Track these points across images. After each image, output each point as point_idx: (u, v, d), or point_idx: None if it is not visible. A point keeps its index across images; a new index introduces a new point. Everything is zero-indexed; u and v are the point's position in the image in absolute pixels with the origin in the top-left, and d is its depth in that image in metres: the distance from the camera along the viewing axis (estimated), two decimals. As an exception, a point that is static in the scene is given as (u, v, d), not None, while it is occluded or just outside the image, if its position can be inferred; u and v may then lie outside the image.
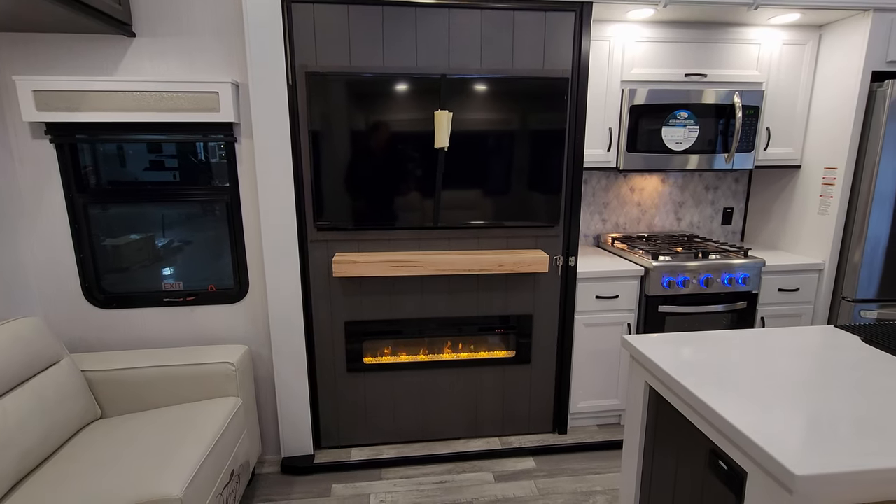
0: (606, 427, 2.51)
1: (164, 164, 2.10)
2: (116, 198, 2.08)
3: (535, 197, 2.16)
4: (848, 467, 0.88)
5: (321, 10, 1.91)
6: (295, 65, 1.95)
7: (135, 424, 1.78)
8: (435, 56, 2.00)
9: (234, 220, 2.12)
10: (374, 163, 2.04)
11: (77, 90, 1.83)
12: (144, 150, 2.08)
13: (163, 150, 2.09)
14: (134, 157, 2.08)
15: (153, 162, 2.10)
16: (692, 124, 2.37)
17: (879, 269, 2.34)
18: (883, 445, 0.93)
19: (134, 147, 2.07)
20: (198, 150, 2.10)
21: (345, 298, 2.20)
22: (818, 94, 2.43)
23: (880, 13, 2.14)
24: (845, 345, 1.41)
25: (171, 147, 2.09)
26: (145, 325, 2.15)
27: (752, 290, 2.39)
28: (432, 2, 1.94)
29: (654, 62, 2.35)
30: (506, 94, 2.04)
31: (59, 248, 2.04)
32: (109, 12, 1.73)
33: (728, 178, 2.90)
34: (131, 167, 2.09)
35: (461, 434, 2.42)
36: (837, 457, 0.90)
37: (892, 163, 2.22)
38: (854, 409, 1.07)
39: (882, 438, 0.96)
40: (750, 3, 2.05)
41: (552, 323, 2.34)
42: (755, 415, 1.04)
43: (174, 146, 2.09)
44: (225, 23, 1.93)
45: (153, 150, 2.09)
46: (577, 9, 2.02)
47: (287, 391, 2.20)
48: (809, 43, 2.40)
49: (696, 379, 1.20)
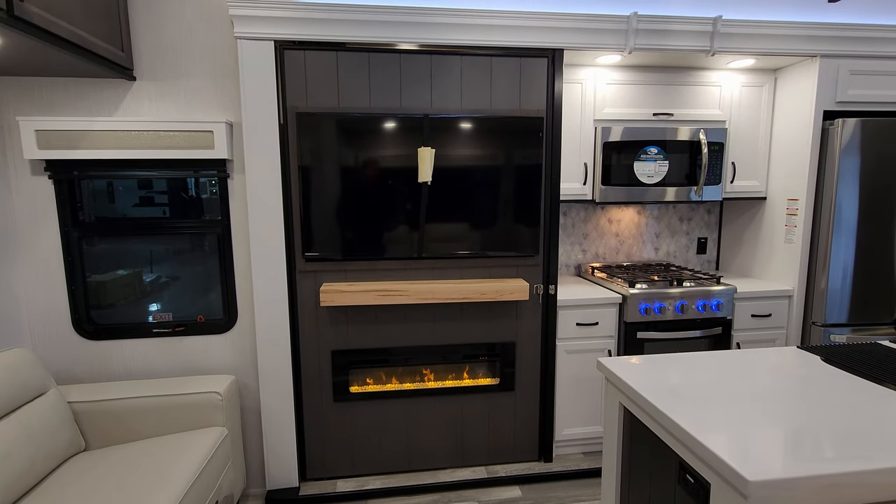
0: (591, 455, 2.53)
1: (158, 199, 2.19)
2: (110, 232, 2.14)
3: (515, 228, 2.26)
4: (800, 473, 0.94)
5: (312, 56, 2.06)
6: (286, 105, 2.07)
7: (118, 456, 1.78)
8: (418, 97, 2.14)
9: (224, 252, 2.19)
10: (361, 197, 2.14)
11: (78, 129, 1.93)
12: (139, 186, 2.17)
13: (156, 187, 2.18)
14: (128, 192, 2.16)
15: (148, 197, 2.18)
16: (662, 159, 2.52)
17: (848, 294, 2.45)
18: (836, 453, 1.00)
19: (128, 183, 2.15)
20: (189, 185, 2.19)
21: (332, 328, 2.25)
22: (777, 131, 2.61)
23: (826, 59, 2.34)
24: (805, 364, 1.50)
25: (164, 183, 2.18)
26: (134, 356, 2.18)
27: (727, 316, 2.48)
28: (415, 49, 2.10)
29: (624, 102, 2.52)
30: (485, 131, 2.17)
31: (51, 280, 2.09)
32: (113, 59, 1.85)
33: (700, 210, 3.04)
34: (125, 202, 2.17)
35: (447, 463, 2.43)
36: (791, 463, 0.97)
37: (849, 194, 2.37)
38: (810, 421, 1.14)
39: (835, 447, 1.02)
40: (707, 49, 2.24)
41: (535, 350, 2.40)
42: (717, 428, 1.11)
43: (166, 182, 2.18)
44: (221, 67, 2.07)
45: (147, 186, 2.17)
46: (549, 55, 2.19)
47: (273, 421, 2.21)
48: (766, 85, 2.60)
49: (663, 397, 1.27)
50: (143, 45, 2.01)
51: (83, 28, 1.64)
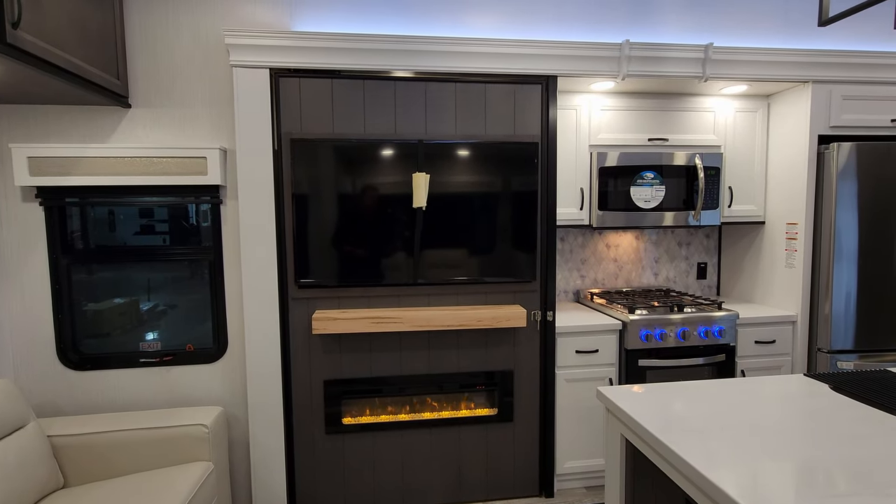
0: (594, 489, 2.42)
1: (149, 226, 2.16)
2: (99, 259, 2.11)
3: (512, 253, 2.23)
4: (813, 513, 0.88)
5: (307, 84, 2.07)
6: (281, 132, 2.07)
7: (98, 494, 1.70)
8: (413, 123, 2.15)
9: (215, 279, 2.15)
10: (355, 223, 2.12)
11: (71, 156, 1.93)
12: (129, 213, 2.14)
13: (148, 214, 2.16)
14: (119, 220, 2.14)
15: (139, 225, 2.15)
16: (658, 184, 2.51)
17: (853, 319, 2.39)
18: (852, 489, 0.94)
19: (119, 210, 2.13)
20: (181, 212, 2.17)
21: (324, 356, 2.19)
22: (773, 155, 2.61)
23: (818, 84, 2.36)
24: (814, 393, 1.44)
25: (156, 210, 2.16)
26: (120, 386, 2.11)
27: (730, 343, 2.42)
28: (410, 76, 2.12)
29: (619, 128, 2.53)
30: (479, 157, 2.17)
31: (37, 308, 2.05)
32: (109, 87, 1.86)
33: (699, 234, 3.02)
34: (116, 230, 2.14)
35: (444, 499, 2.32)
36: (805, 502, 0.90)
37: (848, 217, 2.35)
38: (822, 454, 1.07)
39: (851, 483, 0.96)
40: (700, 75, 2.26)
41: (533, 379, 2.33)
42: (725, 463, 1.04)
43: (158, 210, 2.16)
44: (216, 94, 2.08)
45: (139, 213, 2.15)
46: (543, 82, 2.20)
47: (262, 455, 2.13)
48: (760, 110, 2.61)
49: (668, 429, 1.21)
50: (138, 73, 2.03)
51: (78, 56, 1.65)
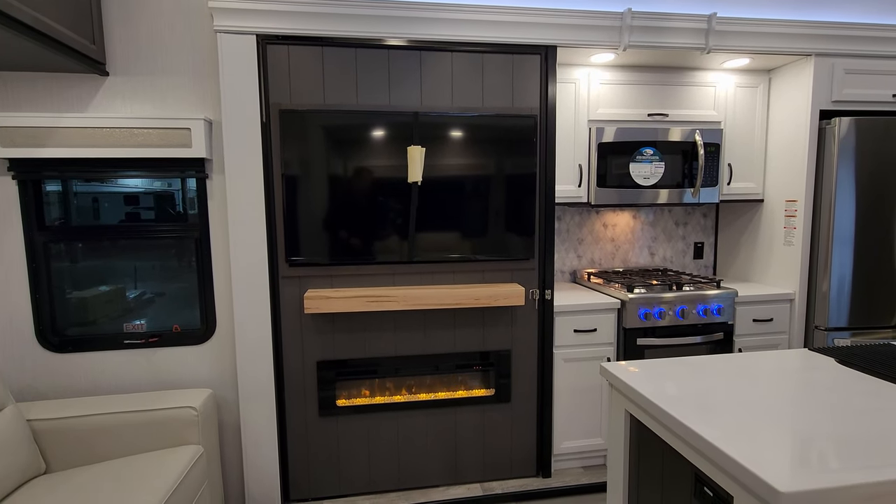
0: (592, 469, 2.41)
1: (130, 202, 2.06)
2: (79, 236, 2.01)
3: (509, 231, 2.17)
4: (833, 483, 0.85)
5: (296, 52, 1.97)
6: (269, 103, 1.98)
7: (82, 479, 1.63)
8: (407, 95, 2.06)
9: (202, 256, 2.06)
10: (348, 198, 2.04)
11: (44, 126, 1.81)
12: (110, 188, 2.04)
13: (130, 188, 2.06)
14: (100, 194, 2.04)
15: (121, 199, 2.05)
16: (658, 160, 2.46)
17: (848, 297, 2.38)
18: (867, 461, 0.91)
19: (98, 185, 2.03)
20: (165, 186, 2.07)
21: (317, 337, 2.12)
22: (773, 132, 2.57)
23: (821, 58, 2.31)
24: (821, 366, 1.41)
25: (139, 184, 2.06)
26: (103, 369, 2.03)
27: (728, 321, 2.40)
28: (404, 45, 2.02)
29: (619, 103, 2.47)
30: (476, 131, 2.09)
31: (13, 288, 1.95)
32: (83, 51, 1.74)
33: (696, 214, 2.98)
34: (96, 205, 2.04)
35: (440, 481, 2.29)
36: (822, 473, 0.87)
37: (848, 194, 2.32)
38: (835, 427, 1.04)
39: (865, 455, 0.93)
40: (702, 47, 2.20)
41: (531, 358, 2.29)
42: (737, 437, 1.01)
43: (139, 184, 2.06)
44: (199, 62, 1.97)
45: (121, 187, 2.05)
46: (542, 52, 2.13)
47: (254, 438, 2.07)
48: (761, 85, 2.56)
49: (677, 403, 1.17)
50: (116, 39, 1.91)
51: (48, 15, 1.54)
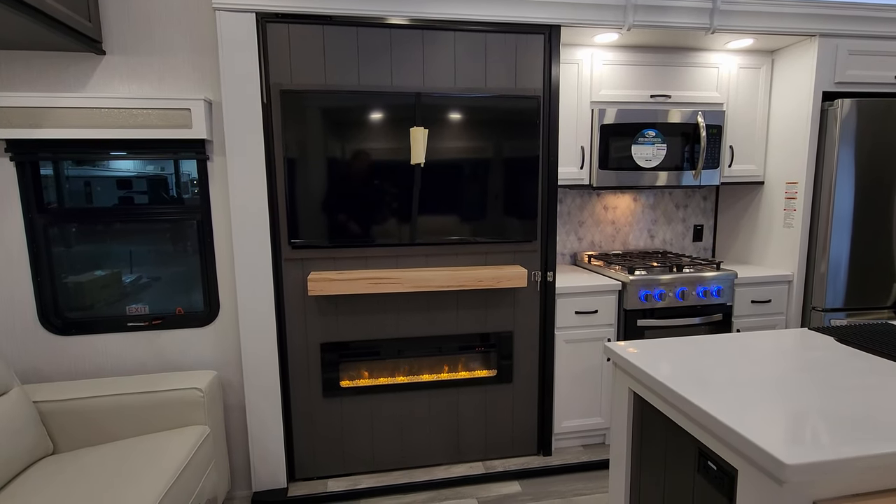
0: (591, 447, 2.45)
1: (130, 183, 2.04)
2: (80, 218, 1.99)
3: (512, 213, 2.17)
4: (837, 455, 0.87)
5: (296, 30, 1.94)
6: (269, 83, 1.95)
7: (89, 459, 1.65)
8: (410, 75, 2.03)
9: (204, 238, 2.05)
10: (351, 180, 2.03)
11: (40, 106, 1.78)
12: (112, 170, 2.02)
13: (132, 169, 2.04)
14: (100, 176, 2.01)
15: (122, 181, 2.03)
16: (660, 142, 2.45)
17: (844, 278, 2.41)
18: (869, 434, 0.93)
19: (98, 166, 2.00)
20: (166, 168, 2.05)
21: (320, 319, 2.13)
22: (775, 114, 2.56)
23: (825, 38, 2.30)
24: (820, 345, 1.43)
25: (140, 165, 2.03)
26: (107, 352, 2.03)
27: (727, 303, 2.43)
28: (406, 23, 1.99)
29: (621, 84, 2.45)
30: (479, 111, 2.07)
31: (14, 271, 1.93)
32: (79, 28, 1.71)
33: (696, 196, 2.99)
34: (97, 187, 2.02)
35: (443, 460, 2.33)
36: (826, 446, 0.89)
37: (848, 176, 2.33)
38: (836, 403, 1.06)
39: (867, 429, 0.95)
40: (707, 27, 2.18)
41: (533, 340, 2.31)
42: (740, 412, 1.03)
43: (139, 165, 2.03)
44: (198, 41, 1.93)
45: (121, 169, 2.03)
46: (545, 31, 2.10)
47: (259, 419, 2.09)
48: (763, 67, 2.55)
49: (681, 381, 1.19)
50: (113, 16, 1.87)
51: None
